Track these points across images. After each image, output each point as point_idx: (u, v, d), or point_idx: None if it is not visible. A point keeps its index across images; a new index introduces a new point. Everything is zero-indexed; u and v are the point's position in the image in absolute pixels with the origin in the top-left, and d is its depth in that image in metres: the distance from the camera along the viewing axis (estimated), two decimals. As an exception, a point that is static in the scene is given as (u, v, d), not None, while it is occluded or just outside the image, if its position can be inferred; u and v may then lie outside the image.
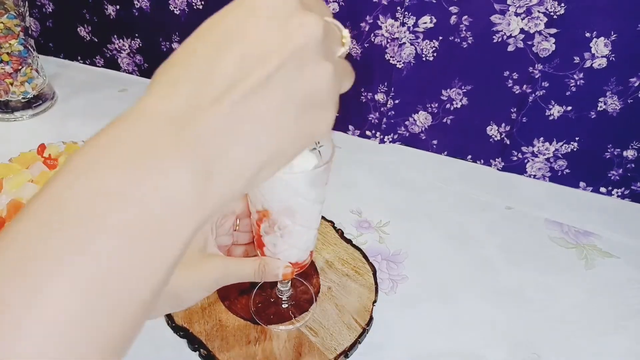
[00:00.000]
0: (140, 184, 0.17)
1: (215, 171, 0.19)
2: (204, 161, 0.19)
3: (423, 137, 0.77)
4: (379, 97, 0.75)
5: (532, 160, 0.73)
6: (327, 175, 0.38)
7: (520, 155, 0.73)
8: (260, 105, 0.19)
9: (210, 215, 0.20)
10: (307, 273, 0.55)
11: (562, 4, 0.60)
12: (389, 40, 0.69)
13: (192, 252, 0.37)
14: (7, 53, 0.74)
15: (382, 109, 0.76)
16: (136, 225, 0.17)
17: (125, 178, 0.17)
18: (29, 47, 0.77)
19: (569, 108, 0.66)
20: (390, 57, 0.70)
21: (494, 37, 0.65)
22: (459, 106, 0.72)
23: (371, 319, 0.51)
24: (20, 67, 0.76)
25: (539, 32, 0.62)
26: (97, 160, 0.18)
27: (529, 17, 0.62)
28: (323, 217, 0.62)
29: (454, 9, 0.65)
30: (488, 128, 0.73)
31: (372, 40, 0.70)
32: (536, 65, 0.65)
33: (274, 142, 0.20)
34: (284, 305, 0.51)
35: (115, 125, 0.19)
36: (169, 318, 0.50)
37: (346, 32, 0.23)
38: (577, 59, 0.62)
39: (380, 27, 0.69)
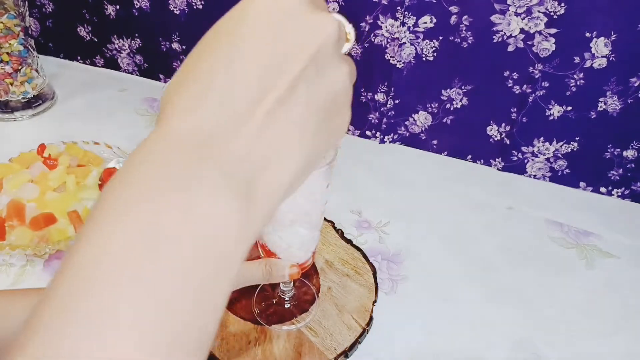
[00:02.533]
0: (188, 219, 0.16)
1: (257, 190, 0.18)
2: (245, 182, 0.18)
3: (423, 137, 0.77)
4: (379, 97, 0.75)
5: (532, 160, 0.73)
6: (329, 177, 0.38)
7: (520, 155, 0.73)
8: (288, 113, 0.19)
9: (258, 233, 0.19)
10: (308, 273, 0.55)
11: (562, 4, 0.60)
12: (389, 40, 0.69)
13: None
14: (7, 53, 0.74)
15: (382, 108, 0.76)
16: (190, 262, 0.16)
17: (171, 215, 0.16)
18: (29, 47, 0.77)
19: (569, 108, 0.66)
20: (391, 57, 0.70)
21: (494, 37, 0.65)
22: (459, 106, 0.72)
23: (371, 319, 0.51)
24: (20, 67, 0.76)
25: (539, 32, 0.62)
26: (135, 197, 0.16)
27: (529, 17, 0.62)
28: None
29: (454, 9, 0.65)
30: (488, 128, 0.73)
31: (372, 40, 0.70)
32: (536, 65, 0.65)
33: (306, 149, 0.20)
34: (286, 306, 0.51)
35: (144, 152, 0.17)
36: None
37: (350, 27, 0.22)
38: (577, 59, 0.62)
39: (380, 27, 0.69)
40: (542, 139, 0.70)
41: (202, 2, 0.77)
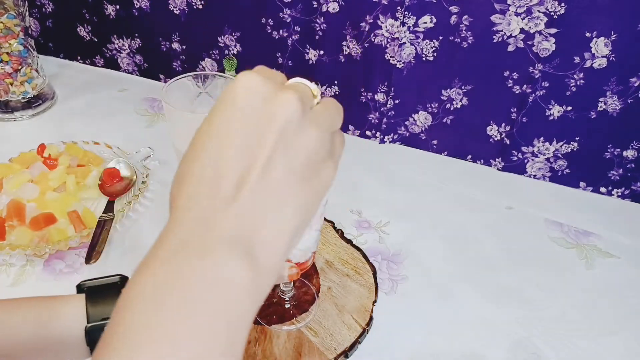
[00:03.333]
0: (204, 290, 0.19)
1: (255, 249, 0.21)
2: (243, 245, 0.21)
3: (423, 137, 0.77)
4: (379, 97, 0.75)
5: (532, 160, 0.73)
6: None
7: (520, 155, 0.73)
8: (271, 182, 0.22)
9: (268, 285, 0.22)
10: (308, 273, 0.55)
11: (562, 4, 0.60)
12: (389, 40, 0.69)
13: None
14: (7, 53, 0.74)
15: (382, 108, 0.76)
16: (207, 328, 0.19)
17: (194, 282, 0.19)
18: (29, 47, 0.77)
19: (569, 108, 0.66)
20: (391, 57, 0.70)
21: (494, 37, 0.65)
22: (459, 106, 0.72)
23: (371, 319, 0.51)
24: (20, 67, 0.76)
25: (539, 32, 0.62)
26: (165, 272, 0.20)
27: (529, 16, 0.62)
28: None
29: (454, 9, 0.65)
30: (488, 128, 0.73)
31: (372, 40, 0.70)
32: (536, 65, 0.65)
33: (295, 207, 0.23)
34: (286, 306, 0.51)
35: (164, 240, 0.21)
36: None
37: (314, 85, 0.26)
38: (577, 59, 0.62)
39: (380, 27, 0.69)
40: (542, 139, 0.70)
41: (202, 2, 0.77)
